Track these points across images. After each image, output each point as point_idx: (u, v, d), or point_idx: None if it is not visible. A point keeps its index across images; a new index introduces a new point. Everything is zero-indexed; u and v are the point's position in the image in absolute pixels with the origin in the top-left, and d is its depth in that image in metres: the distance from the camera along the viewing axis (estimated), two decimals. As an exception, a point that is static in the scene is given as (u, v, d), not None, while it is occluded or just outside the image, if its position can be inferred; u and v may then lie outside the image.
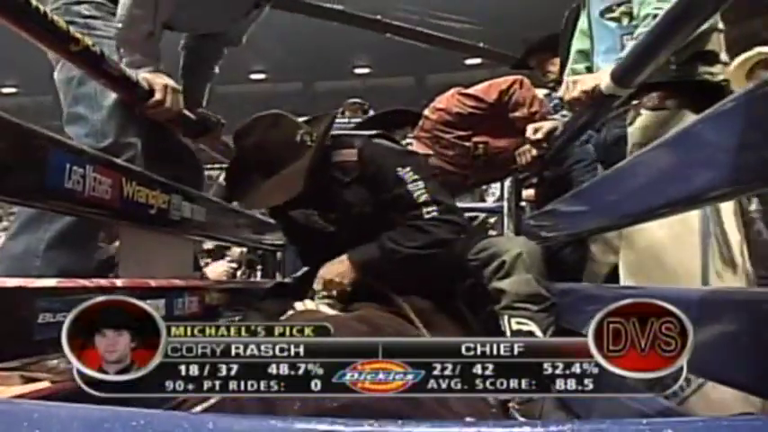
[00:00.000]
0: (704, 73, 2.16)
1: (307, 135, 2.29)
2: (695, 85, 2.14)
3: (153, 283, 2.11)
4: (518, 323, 2.18)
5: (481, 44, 6.81)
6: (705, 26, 1.68)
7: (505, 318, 2.20)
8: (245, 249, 5.37)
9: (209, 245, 5.59)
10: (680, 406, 1.68)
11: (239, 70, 36.52)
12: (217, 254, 5.96)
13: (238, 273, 5.30)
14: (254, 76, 37.89)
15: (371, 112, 7.27)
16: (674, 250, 2.03)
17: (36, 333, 1.53)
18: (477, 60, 31.91)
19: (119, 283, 1.99)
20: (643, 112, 2.19)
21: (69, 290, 1.70)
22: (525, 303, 2.18)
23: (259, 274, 5.27)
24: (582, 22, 2.54)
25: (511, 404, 2.09)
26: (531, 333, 2.15)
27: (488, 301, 2.26)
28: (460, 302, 2.37)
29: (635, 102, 2.19)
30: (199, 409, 1.11)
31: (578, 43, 2.54)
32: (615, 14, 2.27)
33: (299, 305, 2.12)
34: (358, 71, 6.88)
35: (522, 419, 1.79)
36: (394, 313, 2.00)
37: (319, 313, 2.01)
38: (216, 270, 4.62)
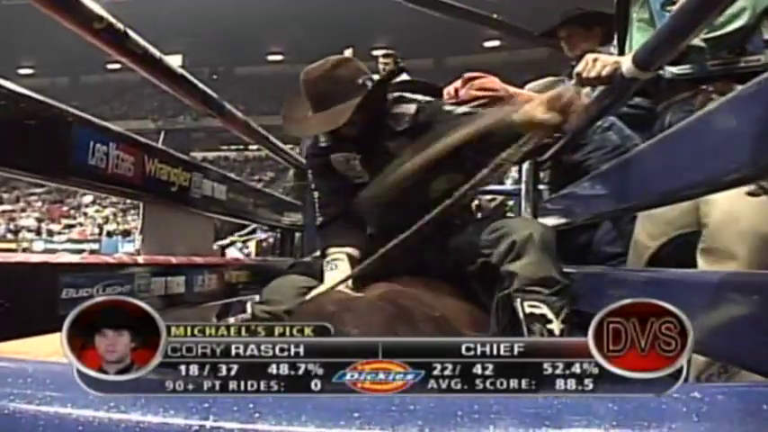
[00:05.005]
0: None
1: (369, 80, 2.34)
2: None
3: (174, 260, 2.14)
4: (530, 306, 2.15)
5: (495, 15, 6.72)
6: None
7: (518, 301, 2.18)
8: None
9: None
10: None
11: (257, 52, 36.67)
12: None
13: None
14: (271, 58, 37.99)
15: (402, 64, 7.33)
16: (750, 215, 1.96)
17: (60, 308, 1.55)
18: (496, 43, 31.86)
19: (140, 260, 2.02)
20: (715, 97, 2.15)
21: (92, 266, 1.73)
22: (537, 287, 2.14)
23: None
24: (641, 14, 2.50)
25: None
26: (543, 316, 2.13)
27: (501, 283, 2.25)
28: (475, 284, 2.38)
29: (703, 87, 2.15)
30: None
31: (641, 35, 2.48)
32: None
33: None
34: (377, 53, 6.87)
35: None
36: (413, 294, 2.01)
37: (343, 294, 2.02)
38: None
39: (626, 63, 1.93)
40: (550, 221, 2.78)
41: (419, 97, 2.47)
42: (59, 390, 0.78)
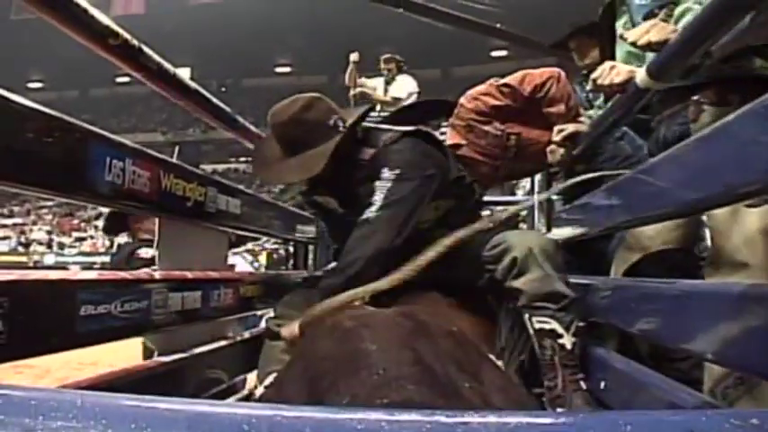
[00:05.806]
0: (761, 68, 2.11)
1: (340, 120, 2.31)
2: (753, 79, 2.10)
3: (190, 275, 2.14)
4: (539, 322, 2.14)
5: (498, 25, 6.76)
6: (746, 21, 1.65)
7: (526, 316, 2.17)
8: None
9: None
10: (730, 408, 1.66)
11: (265, 64, 36.81)
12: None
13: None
14: (279, 70, 38.13)
15: (405, 68, 7.27)
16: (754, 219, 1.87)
17: (78, 325, 1.55)
18: (503, 53, 31.91)
19: (157, 275, 2.02)
20: (706, 108, 2.15)
21: (110, 282, 1.73)
22: (543, 302, 2.13)
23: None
24: (624, 27, 2.50)
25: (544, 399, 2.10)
26: (553, 331, 2.11)
27: (509, 296, 2.23)
28: (489, 297, 2.36)
29: (695, 98, 2.15)
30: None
31: (626, 48, 2.49)
32: (660, 18, 2.23)
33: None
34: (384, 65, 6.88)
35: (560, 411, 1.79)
36: (429, 308, 2.00)
37: (362, 308, 2.00)
38: None
39: (640, 73, 1.93)
40: (564, 232, 2.77)
41: (386, 132, 2.43)
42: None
